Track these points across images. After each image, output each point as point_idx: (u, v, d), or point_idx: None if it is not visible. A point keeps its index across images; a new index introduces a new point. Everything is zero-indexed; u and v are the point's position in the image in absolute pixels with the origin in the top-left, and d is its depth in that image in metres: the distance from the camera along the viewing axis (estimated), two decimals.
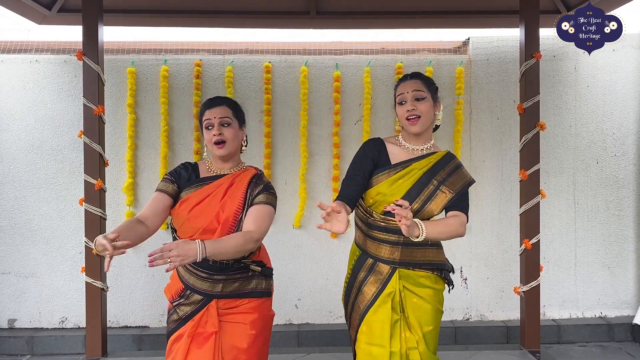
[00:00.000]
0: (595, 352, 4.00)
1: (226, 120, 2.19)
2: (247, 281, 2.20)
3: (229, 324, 2.17)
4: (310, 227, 4.19)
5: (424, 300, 2.23)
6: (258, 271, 2.22)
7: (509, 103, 4.24)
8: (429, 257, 2.26)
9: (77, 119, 4.01)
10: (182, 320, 2.18)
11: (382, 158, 2.25)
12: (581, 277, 4.32)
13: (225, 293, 2.17)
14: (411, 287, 2.22)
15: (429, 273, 2.26)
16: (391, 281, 2.21)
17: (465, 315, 4.28)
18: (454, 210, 2.25)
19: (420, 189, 2.21)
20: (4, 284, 4.12)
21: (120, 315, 4.16)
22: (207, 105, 2.24)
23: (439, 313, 2.28)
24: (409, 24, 4.25)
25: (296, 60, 4.20)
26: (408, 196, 2.18)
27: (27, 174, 4.10)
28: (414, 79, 2.27)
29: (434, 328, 2.25)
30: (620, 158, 4.31)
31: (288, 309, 4.21)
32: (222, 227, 2.13)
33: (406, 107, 2.22)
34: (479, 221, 4.25)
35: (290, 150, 4.18)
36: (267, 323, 2.26)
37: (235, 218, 2.16)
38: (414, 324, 2.20)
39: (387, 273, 2.22)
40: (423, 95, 2.22)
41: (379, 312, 2.20)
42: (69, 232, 4.10)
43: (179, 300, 2.20)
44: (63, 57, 4.11)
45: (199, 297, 2.17)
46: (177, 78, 4.14)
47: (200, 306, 2.17)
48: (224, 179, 2.21)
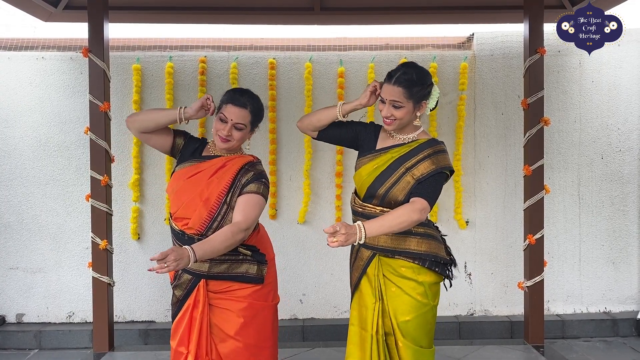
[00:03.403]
0: (599, 347, 4.01)
1: (240, 126, 2.25)
2: (236, 264, 2.24)
3: (217, 309, 2.24)
4: (314, 222, 4.21)
5: (402, 291, 2.26)
6: (248, 255, 2.25)
7: (514, 98, 4.23)
8: (410, 246, 2.27)
9: (83, 116, 4.03)
10: (180, 302, 2.27)
11: (370, 141, 2.37)
12: (585, 272, 4.33)
13: (213, 273, 2.22)
14: (390, 276, 2.28)
15: (410, 263, 2.27)
16: (370, 266, 2.31)
17: (469, 310, 4.30)
18: (414, 197, 2.19)
19: (389, 174, 2.26)
20: (12, 279, 4.16)
21: (127, 310, 4.19)
22: (231, 100, 2.26)
23: (420, 305, 2.26)
24: (413, 20, 4.25)
25: (300, 57, 4.21)
26: (378, 181, 2.27)
27: (34, 170, 4.14)
28: (395, 85, 2.22)
29: (412, 319, 2.25)
30: (625, 153, 4.31)
31: (293, 304, 4.24)
32: (204, 205, 2.20)
33: (384, 110, 2.28)
34: (483, 216, 4.26)
35: (294, 146, 4.20)
36: (259, 313, 2.28)
37: (219, 199, 2.21)
38: (390, 312, 2.27)
39: (367, 258, 2.32)
40: (400, 104, 2.23)
41: (361, 296, 2.32)
42: (76, 227, 4.14)
43: (175, 282, 2.30)
44: (69, 54, 4.14)
45: (188, 277, 2.25)
46: (182, 74, 4.16)
47: (191, 287, 2.24)
48: (218, 160, 2.28)
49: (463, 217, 4.22)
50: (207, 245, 2.04)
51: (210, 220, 2.22)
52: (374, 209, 2.28)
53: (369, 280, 2.30)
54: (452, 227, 4.23)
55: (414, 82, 2.22)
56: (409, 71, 2.23)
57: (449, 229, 4.20)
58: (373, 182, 2.27)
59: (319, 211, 4.20)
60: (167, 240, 4.18)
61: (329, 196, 4.19)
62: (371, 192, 2.28)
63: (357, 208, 2.35)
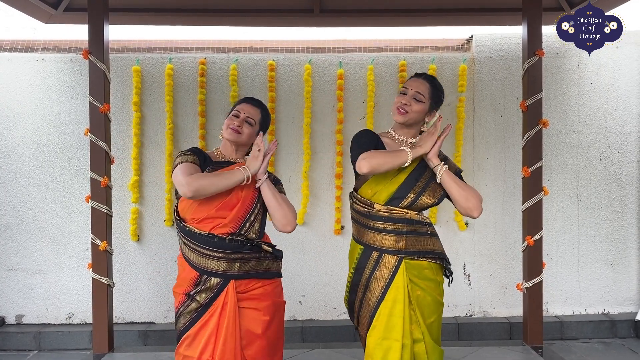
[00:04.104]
0: (598, 348, 4.02)
1: (251, 121, 2.33)
2: (261, 261, 2.28)
3: (244, 310, 2.23)
4: (313, 223, 4.22)
5: (426, 292, 2.27)
6: (269, 252, 2.31)
7: (512, 100, 4.25)
8: (433, 246, 2.30)
9: (83, 117, 4.05)
10: (204, 307, 2.22)
11: (379, 147, 2.31)
12: (584, 273, 4.34)
13: (242, 272, 2.23)
14: (415, 279, 2.26)
15: (432, 263, 2.30)
16: (399, 274, 2.24)
17: (468, 312, 4.31)
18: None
19: (416, 177, 2.28)
20: (12, 281, 4.17)
21: (126, 311, 4.20)
22: (245, 100, 2.41)
23: (439, 305, 2.33)
24: (412, 22, 4.27)
25: (300, 58, 4.22)
26: (405, 185, 2.26)
27: (33, 171, 4.14)
28: (424, 80, 2.35)
29: (435, 319, 2.31)
30: (624, 155, 4.32)
31: (292, 305, 4.24)
32: (241, 203, 2.25)
33: (403, 99, 2.31)
34: (482, 218, 4.27)
35: (293, 147, 4.21)
36: (279, 309, 2.34)
37: (254, 196, 2.28)
38: (419, 316, 2.25)
39: (394, 265, 2.25)
40: (422, 98, 2.31)
41: (391, 306, 2.23)
42: (76, 229, 4.15)
43: (196, 288, 2.22)
44: (69, 56, 4.15)
45: (217, 279, 2.22)
46: (182, 76, 4.17)
47: (219, 289, 2.21)
48: (236, 165, 2.30)
49: (462, 219, 4.24)
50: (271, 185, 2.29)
51: (246, 216, 2.26)
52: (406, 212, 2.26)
53: (397, 288, 2.23)
54: (452, 229, 4.25)
55: (438, 87, 2.39)
56: (435, 78, 2.42)
57: (448, 231, 4.21)
58: (400, 186, 2.27)
59: (318, 212, 4.21)
60: (166, 242, 4.21)
61: (327, 198, 4.20)
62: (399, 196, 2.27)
63: (380, 213, 2.26)
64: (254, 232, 2.27)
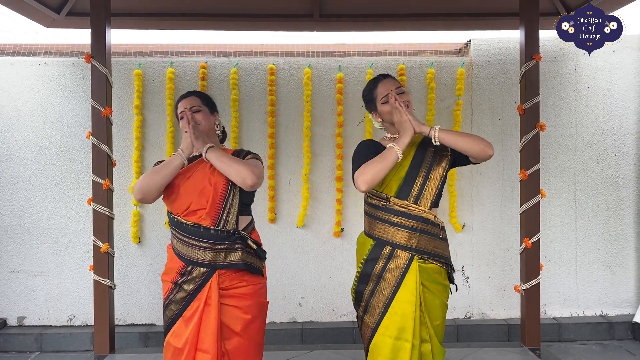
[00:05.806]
0: (595, 350, 4.04)
1: (195, 108, 2.40)
2: (245, 254, 2.32)
3: (226, 307, 2.28)
4: (313, 226, 4.25)
5: (435, 296, 2.31)
6: (254, 249, 2.35)
7: (510, 104, 4.28)
8: (439, 249, 2.33)
9: (85, 121, 4.08)
10: (190, 295, 2.28)
11: (380, 151, 2.31)
12: (582, 275, 4.37)
13: (227, 262, 2.28)
14: (426, 282, 2.29)
15: (440, 267, 2.33)
16: (412, 273, 2.25)
17: (466, 314, 4.33)
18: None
19: (420, 161, 2.31)
20: (14, 283, 4.20)
21: (128, 313, 4.22)
22: (179, 100, 2.47)
23: (445, 307, 2.38)
24: (411, 26, 4.30)
25: (300, 62, 4.26)
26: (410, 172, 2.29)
27: (36, 174, 4.17)
28: (392, 78, 2.43)
29: (441, 322, 2.35)
30: (621, 158, 4.35)
31: (292, 307, 4.27)
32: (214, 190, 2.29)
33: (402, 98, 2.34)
34: (481, 220, 4.30)
35: (293, 150, 4.24)
36: (261, 310, 2.38)
37: (226, 181, 2.30)
38: (427, 318, 2.28)
39: (407, 260, 2.25)
40: (404, 90, 2.38)
41: (400, 305, 2.24)
42: (77, 231, 4.18)
43: (183, 278, 2.29)
44: (71, 60, 4.18)
45: (202, 269, 2.28)
46: (183, 80, 4.21)
47: (204, 280, 2.27)
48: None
49: (459, 221, 4.27)
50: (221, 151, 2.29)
51: (222, 203, 2.29)
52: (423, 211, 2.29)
53: (410, 290, 2.24)
54: (448, 231, 4.20)
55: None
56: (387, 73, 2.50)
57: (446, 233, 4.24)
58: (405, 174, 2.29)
59: (318, 215, 4.24)
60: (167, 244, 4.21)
61: (327, 200, 4.23)
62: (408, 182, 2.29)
63: (396, 207, 2.27)
64: (234, 219, 2.29)
